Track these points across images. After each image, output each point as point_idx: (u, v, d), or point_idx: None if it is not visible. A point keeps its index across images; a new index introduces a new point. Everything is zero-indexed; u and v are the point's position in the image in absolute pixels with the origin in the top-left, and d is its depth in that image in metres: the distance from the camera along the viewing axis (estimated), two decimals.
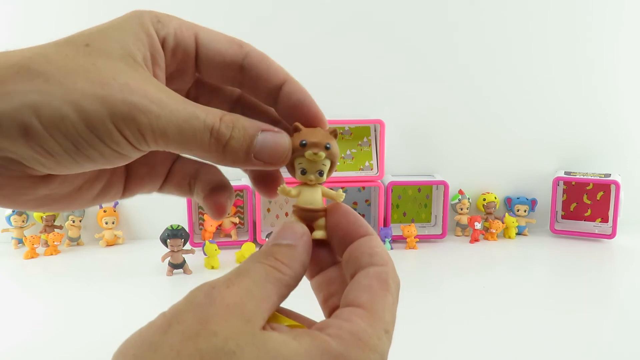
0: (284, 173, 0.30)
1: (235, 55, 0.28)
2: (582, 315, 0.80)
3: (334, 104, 1.12)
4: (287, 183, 0.29)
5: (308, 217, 0.28)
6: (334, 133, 0.28)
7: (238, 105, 0.31)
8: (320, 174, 0.28)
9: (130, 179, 0.30)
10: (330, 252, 0.28)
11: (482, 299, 0.86)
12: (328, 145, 0.27)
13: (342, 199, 0.28)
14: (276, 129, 0.26)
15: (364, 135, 1.14)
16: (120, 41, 0.25)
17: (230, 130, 0.25)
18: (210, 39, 0.28)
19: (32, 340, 0.73)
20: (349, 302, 0.24)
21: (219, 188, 0.31)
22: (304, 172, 0.28)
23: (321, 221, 0.28)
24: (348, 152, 1.13)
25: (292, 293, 0.25)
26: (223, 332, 0.20)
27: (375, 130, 1.12)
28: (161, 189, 0.31)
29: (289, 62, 0.34)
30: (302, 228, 0.26)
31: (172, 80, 0.28)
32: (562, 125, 1.19)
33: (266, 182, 0.31)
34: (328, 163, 0.28)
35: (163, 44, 0.27)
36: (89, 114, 0.22)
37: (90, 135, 0.23)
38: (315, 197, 0.28)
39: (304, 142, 0.27)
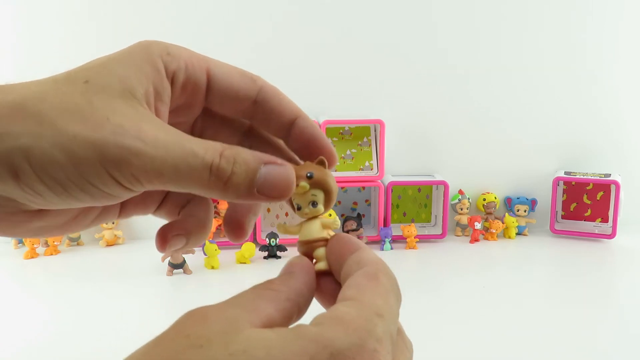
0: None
1: (248, 89, 0.28)
2: (582, 315, 0.80)
3: (334, 103, 1.12)
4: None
5: (307, 249, 0.27)
6: (320, 161, 0.28)
7: (247, 137, 0.31)
8: (314, 204, 0.27)
9: (125, 204, 0.30)
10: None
11: (482, 299, 0.86)
12: (309, 174, 0.27)
13: (337, 226, 0.28)
14: (279, 160, 0.25)
15: (364, 135, 1.14)
16: (121, 76, 0.24)
17: (231, 166, 0.24)
18: (222, 73, 0.27)
19: (32, 340, 0.73)
20: (337, 301, 0.22)
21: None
22: (299, 208, 0.27)
23: (320, 251, 0.27)
24: (348, 152, 1.13)
25: None
26: (196, 334, 0.19)
27: (375, 130, 1.12)
28: (155, 213, 0.32)
29: (289, 62, 0.34)
30: (298, 258, 0.26)
31: (178, 112, 0.28)
32: (562, 126, 1.18)
33: (233, 226, 0.30)
34: (319, 192, 0.27)
35: (173, 78, 0.26)
36: (80, 158, 0.22)
37: (79, 178, 0.23)
38: (312, 229, 0.27)
39: None
